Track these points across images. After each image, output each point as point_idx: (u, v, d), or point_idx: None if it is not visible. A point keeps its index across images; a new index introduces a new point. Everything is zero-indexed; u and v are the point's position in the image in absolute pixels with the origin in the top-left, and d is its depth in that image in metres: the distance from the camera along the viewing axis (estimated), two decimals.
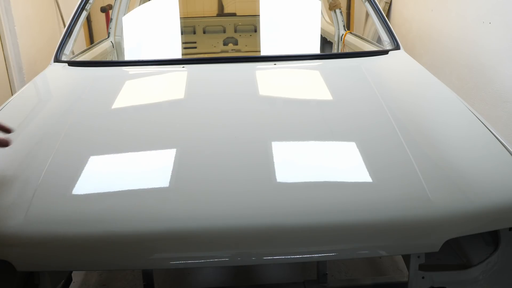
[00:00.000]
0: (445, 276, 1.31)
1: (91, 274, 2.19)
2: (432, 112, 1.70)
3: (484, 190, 1.26)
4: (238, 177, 1.31)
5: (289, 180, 1.33)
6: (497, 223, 1.23)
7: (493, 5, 2.89)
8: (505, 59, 2.79)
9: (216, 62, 2.29)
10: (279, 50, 2.97)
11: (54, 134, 1.53)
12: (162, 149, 1.49)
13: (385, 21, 2.54)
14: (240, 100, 1.81)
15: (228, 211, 1.18)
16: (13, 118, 1.72)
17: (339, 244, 1.19)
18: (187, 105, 1.80)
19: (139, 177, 1.33)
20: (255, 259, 1.19)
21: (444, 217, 1.18)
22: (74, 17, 2.51)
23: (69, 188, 1.27)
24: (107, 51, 2.98)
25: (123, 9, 3.19)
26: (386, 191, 1.26)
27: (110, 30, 3.17)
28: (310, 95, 1.88)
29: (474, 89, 3.15)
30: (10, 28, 4.32)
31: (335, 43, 3.41)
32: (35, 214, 1.18)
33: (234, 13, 4.71)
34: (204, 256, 1.16)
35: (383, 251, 1.21)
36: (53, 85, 2.11)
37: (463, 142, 1.50)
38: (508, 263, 1.31)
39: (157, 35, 2.95)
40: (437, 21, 3.68)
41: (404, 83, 2.00)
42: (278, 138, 1.53)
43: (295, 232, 1.16)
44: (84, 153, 1.44)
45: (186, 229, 1.14)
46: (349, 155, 1.44)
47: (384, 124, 1.56)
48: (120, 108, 1.78)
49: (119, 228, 1.15)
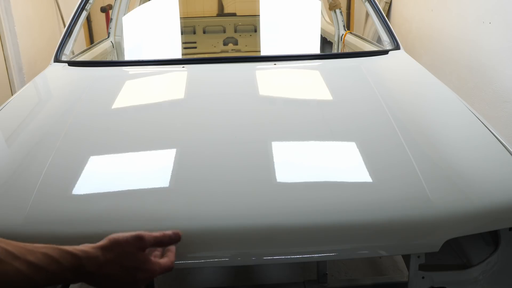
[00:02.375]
0: (445, 276, 1.31)
1: None
2: (432, 112, 1.70)
3: (484, 190, 1.26)
4: (238, 177, 1.31)
5: (289, 180, 1.32)
6: (497, 223, 1.23)
7: (493, 5, 2.89)
8: (505, 59, 2.79)
9: (216, 62, 2.29)
10: (279, 50, 2.97)
11: (54, 134, 1.53)
12: (162, 149, 1.49)
13: (385, 21, 2.54)
14: (240, 100, 1.81)
15: (228, 211, 1.18)
16: (13, 118, 1.72)
17: (339, 244, 1.19)
18: (187, 105, 1.80)
19: (139, 177, 1.33)
20: (255, 259, 1.18)
21: (444, 217, 1.18)
22: (74, 17, 2.51)
23: (69, 188, 1.27)
24: (107, 51, 2.98)
25: (123, 9, 3.19)
26: (386, 191, 1.26)
27: (110, 30, 3.17)
28: (310, 95, 1.88)
29: (474, 89, 3.15)
30: (10, 28, 4.32)
31: (335, 43, 3.41)
32: (35, 214, 1.18)
33: (234, 13, 4.71)
34: (204, 256, 1.16)
35: (383, 251, 1.21)
36: (53, 85, 2.11)
37: (463, 142, 1.50)
38: (508, 263, 1.31)
39: (157, 35, 2.95)
40: (437, 21, 3.68)
41: (404, 83, 2.00)
42: (278, 138, 1.53)
43: (295, 232, 1.16)
44: (84, 153, 1.44)
45: (186, 229, 1.14)
46: (349, 155, 1.44)
47: (384, 124, 1.56)
48: (120, 108, 1.78)
49: (119, 228, 1.14)
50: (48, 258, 0.81)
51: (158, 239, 0.95)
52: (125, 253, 0.89)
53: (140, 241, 0.91)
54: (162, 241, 0.96)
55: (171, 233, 0.97)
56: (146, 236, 0.92)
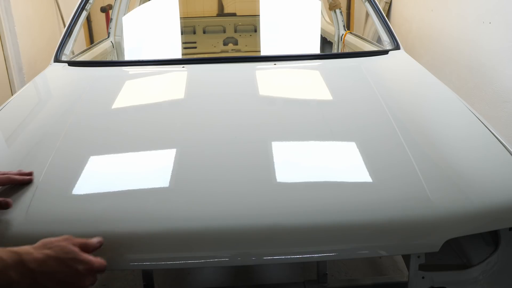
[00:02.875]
0: (445, 276, 1.31)
1: None
2: (432, 112, 1.70)
3: (484, 190, 1.26)
4: (238, 177, 1.31)
5: (289, 180, 1.32)
6: (497, 223, 1.23)
7: (493, 5, 2.89)
8: (505, 59, 2.79)
9: (216, 62, 2.29)
10: (279, 50, 2.97)
11: (54, 134, 1.53)
12: (162, 149, 1.49)
13: (385, 21, 2.54)
14: (240, 100, 1.81)
15: (228, 211, 1.18)
16: (13, 118, 1.72)
17: (339, 244, 1.19)
18: (187, 105, 1.80)
19: (139, 177, 1.33)
20: (255, 259, 1.18)
21: (444, 217, 1.18)
22: (74, 17, 2.51)
23: (69, 188, 1.27)
24: (107, 51, 2.98)
25: (123, 9, 3.19)
26: (386, 191, 1.26)
27: (110, 30, 3.17)
28: (310, 95, 1.88)
29: (474, 89, 3.15)
30: (10, 28, 4.32)
31: (335, 43, 3.41)
32: (35, 214, 1.18)
33: (234, 13, 4.71)
34: (204, 256, 1.16)
35: (383, 251, 1.21)
36: (53, 85, 2.11)
37: (463, 142, 1.50)
38: (508, 263, 1.31)
39: (157, 35, 2.95)
40: (437, 21, 3.68)
41: (404, 83, 2.00)
42: (278, 138, 1.53)
43: (295, 232, 1.16)
44: (84, 153, 1.44)
45: (186, 229, 1.14)
46: (349, 155, 1.44)
47: (384, 124, 1.56)
48: (120, 108, 1.78)
49: (119, 228, 1.15)
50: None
51: (83, 242, 1.00)
52: (59, 246, 0.93)
53: (69, 238, 0.97)
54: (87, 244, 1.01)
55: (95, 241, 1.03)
56: (72, 236, 0.99)
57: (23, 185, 1.27)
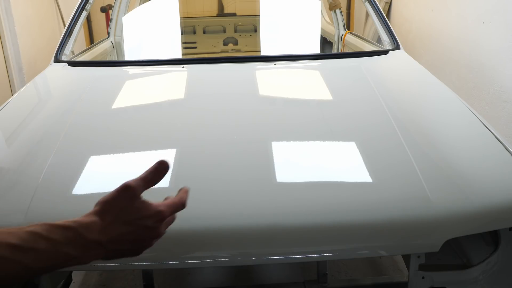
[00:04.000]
0: (445, 276, 1.31)
1: (91, 274, 2.19)
2: (432, 112, 1.70)
3: (484, 190, 1.26)
4: (238, 177, 1.31)
5: (289, 180, 1.32)
6: (497, 223, 1.23)
7: (493, 5, 2.89)
8: (505, 59, 2.79)
9: (216, 62, 2.29)
10: (279, 50, 2.97)
11: (54, 134, 1.53)
12: (162, 149, 1.49)
13: (385, 21, 2.54)
14: (240, 100, 1.81)
15: (228, 211, 1.18)
16: (13, 118, 1.72)
17: (339, 244, 1.19)
18: (187, 105, 1.80)
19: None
20: (255, 259, 1.19)
21: (444, 217, 1.18)
22: (74, 17, 2.51)
23: (69, 188, 1.27)
24: (107, 51, 2.97)
25: (123, 9, 3.18)
26: (386, 191, 1.26)
27: (110, 30, 3.17)
28: (310, 95, 1.88)
29: (474, 89, 3.15)
30: (10, 28, 4.32)
31: (335, 43, 3.41)
32: (35, 214, 1.18)
33: (234, 13, 4.70)
34: (204, 256, 1.16)
35: (383, 251, 1.21)
36: (53, 85, 2.11)
37: (463, 142, 1.50)
38: (508, 263, 1.31)
39: (157, 35, 2.95)
40: (437, 21, 3.68)
41: (404, 83, 2.00)
42: (278, 138, 1.53)
43: (295, 232, 1.16)
44: (84, 153, 1.44)
45: (186, 229, 1.14)
46: (349, 155, 1.44)
47: (384, 124, 1.56)
48: (120, 108, 1.78)
49: None
50: (33, 235, 0.69)
51: (146, 179, 0.83)
52: (120, 208, 0.79)
53: (128, 189, 0.81)
54: (151, 178, 0.84)
55: (157, 164, 0.84)
56: (132, 182, 0.81)
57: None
